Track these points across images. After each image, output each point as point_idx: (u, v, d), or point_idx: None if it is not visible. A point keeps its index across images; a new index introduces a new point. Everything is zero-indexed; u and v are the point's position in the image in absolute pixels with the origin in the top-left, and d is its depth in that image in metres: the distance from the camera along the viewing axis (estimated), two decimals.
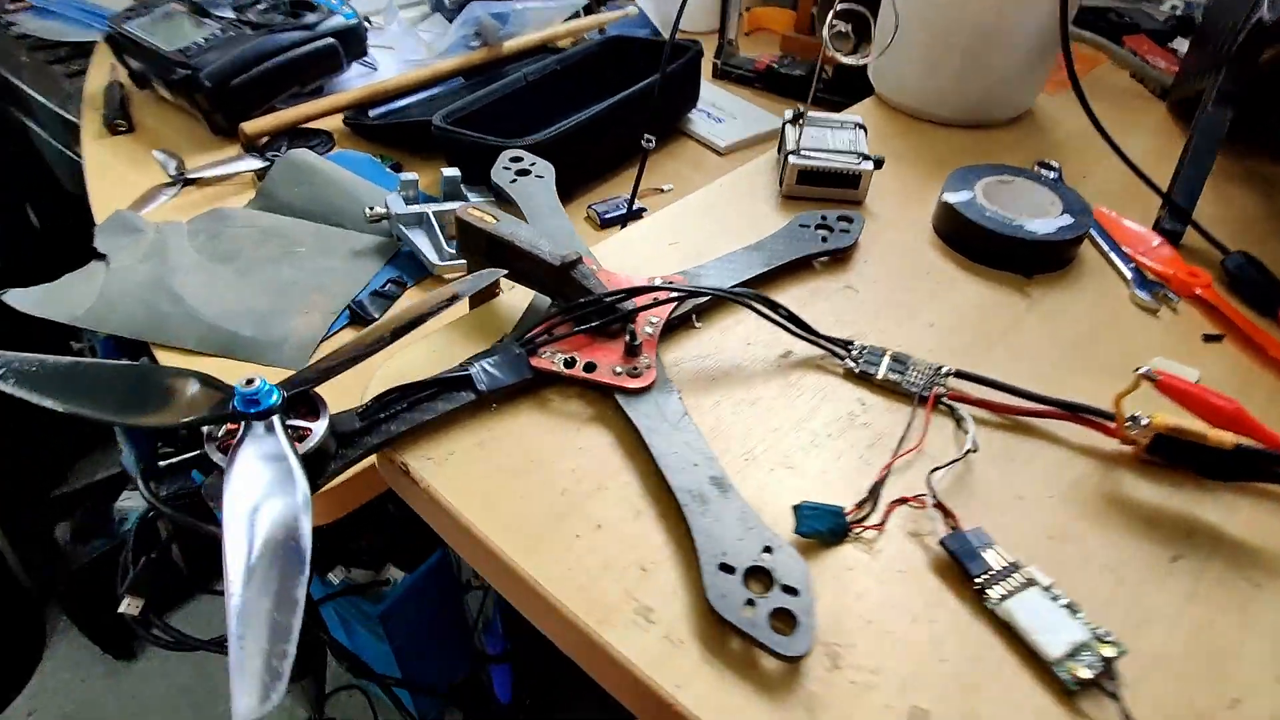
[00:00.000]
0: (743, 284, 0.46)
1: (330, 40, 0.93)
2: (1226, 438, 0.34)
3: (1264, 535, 0.35)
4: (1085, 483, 0.37)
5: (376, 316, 0.66)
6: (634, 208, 0.69)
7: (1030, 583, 0.31)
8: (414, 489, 0.36)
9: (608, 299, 0.40)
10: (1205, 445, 0.35)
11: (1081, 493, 0.37)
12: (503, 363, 0.38)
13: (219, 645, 0.76)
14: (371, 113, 0.93)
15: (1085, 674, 0.29)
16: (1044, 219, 0.50)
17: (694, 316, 0.44)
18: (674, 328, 0.43)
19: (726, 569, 0.31)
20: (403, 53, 1.05)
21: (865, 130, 0.57)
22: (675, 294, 0.41)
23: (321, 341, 0.64)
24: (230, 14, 0.92)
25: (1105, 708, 0.28)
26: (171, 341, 0.63)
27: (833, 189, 0.55)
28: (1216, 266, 0.50)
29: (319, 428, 0.33)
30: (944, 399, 0.40)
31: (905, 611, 0.31)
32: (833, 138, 0.56)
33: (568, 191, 0.77)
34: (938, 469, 0.36)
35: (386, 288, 0.69)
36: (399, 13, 1.05)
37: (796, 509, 0.33)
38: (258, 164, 0.83)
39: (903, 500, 0.35)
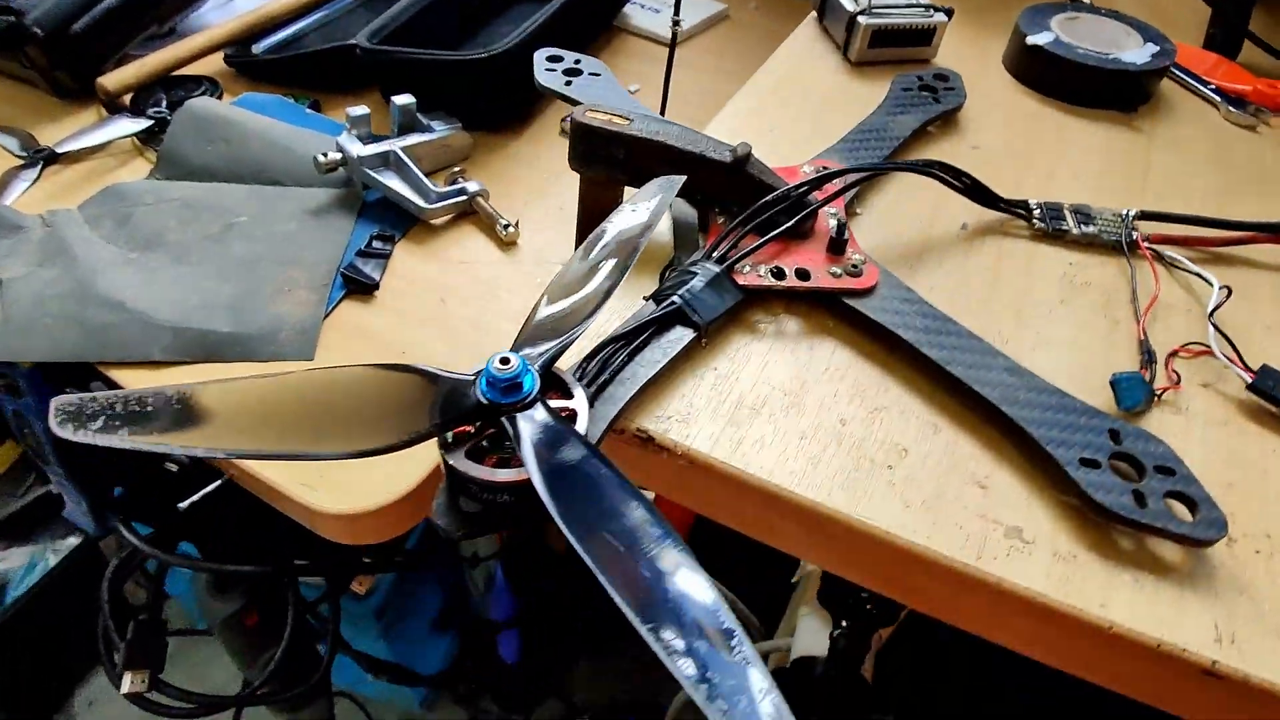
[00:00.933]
0: (887, 158, 0.40)
1: None
2: None
3: None
4: None
5: (377, 279, 0.55)
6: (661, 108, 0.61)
7: None
8: (659, 460, 0.29)
9: (795, 192, 0.34)
10: None
11: None
12: (707, 286, 0.31)
13: (256, 698, 0.65)
14: (257, 48, 0.77)
15: None
16: (1132, 50, 0.48)
17: (854, 202, 0.39)
18: None
19: (1089, 463, 0.27)
20: None
21: None
22: (863, 175, 0.35)
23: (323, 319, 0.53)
24: None
25: None
26: (126, 356, 0.50)
27: (905, 48, 0.50)
28: None
29: (579, 404, 0.25)
30: (1148, 244, 0.37)
31: (1254, 467, 0.29)
32: None
33: (525, 115, 0.67)
34: (1212, 310, 0.33)
35: (373, 245, 0.57)
36: None
37: (1114, 383, 0.30)
38: (138, 125, 0.67)
39: (1175, 353, 0.32)
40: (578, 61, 0.45)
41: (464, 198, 0.58)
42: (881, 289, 0.33)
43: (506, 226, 0.55)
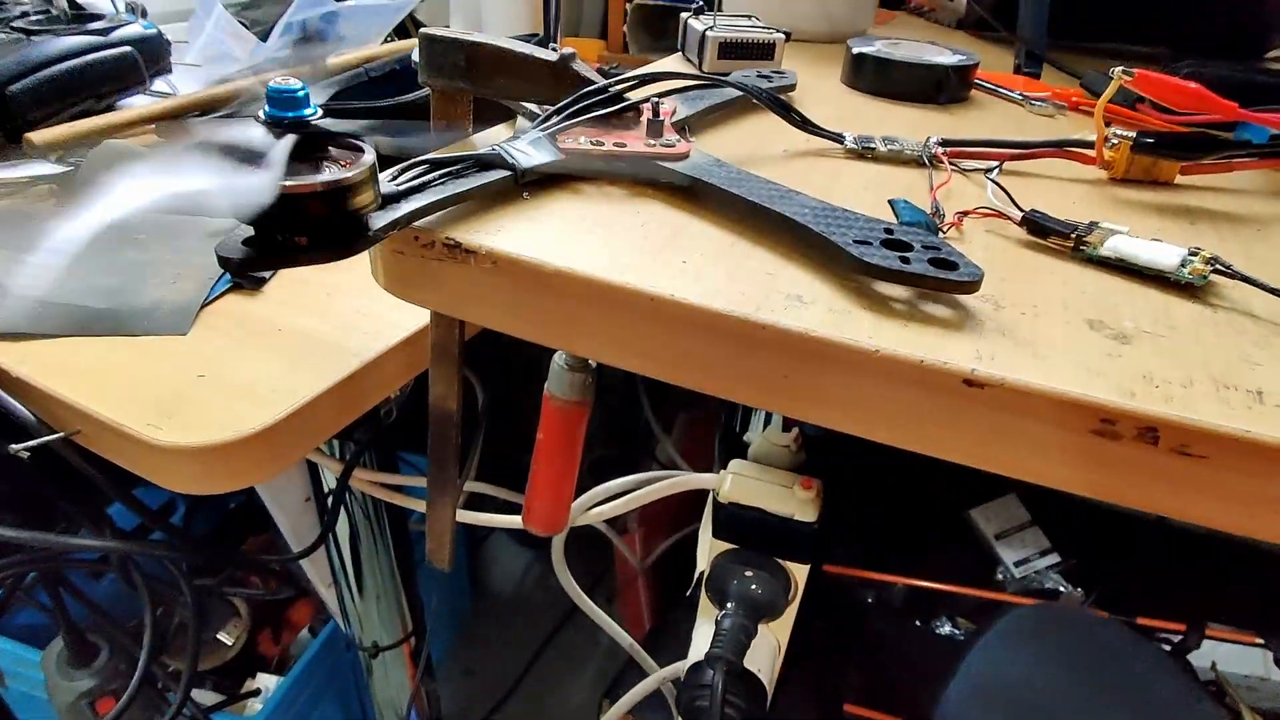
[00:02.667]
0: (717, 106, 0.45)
1: (128, 49, 0.82)
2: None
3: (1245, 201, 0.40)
4: (1091, 195, 0.40)
5: (267, 278, 0.57)
6: None
7: (1113, 231, 0.32)
8: (466, 267, 0.30)
9: (616, 86, 0.37)
10: (1177, 132, 0.39)
11: (1093, 201, 0.39)
12: (530, 144, 0.34)
13: None
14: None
15: (1205, 268, 0.30)
16: (941, 56, 0.55)
17: (686, 129, 0.43)
18: None
19: (862, 243, 0.29)
20: (210, 73, 0.95)
21: (757, 18, 0.61)
22: (687, 84, 0.39)
23: (202, 308, 0.53)
24: None
25: (1235, 288, 0.30)
26: None
27: (751, 61, 0.57)
28: (1077, 88, 0.58)
29: (364, 159, 0.26)
30: (947, 155, 0.41)
31: (1026, 270, 0.31)
32: (733, 23, 0.59)
33: None
34: (989, 171, 0.37)
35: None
36: (212, 18, 0.96)
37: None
38: (55, 169, 0.70)
39: (963, 213, 0.35)
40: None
41: None
42: (694, 158, 0.36)
43: None
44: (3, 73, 0.73)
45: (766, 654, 0.53)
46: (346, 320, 0.48)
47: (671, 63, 0.62)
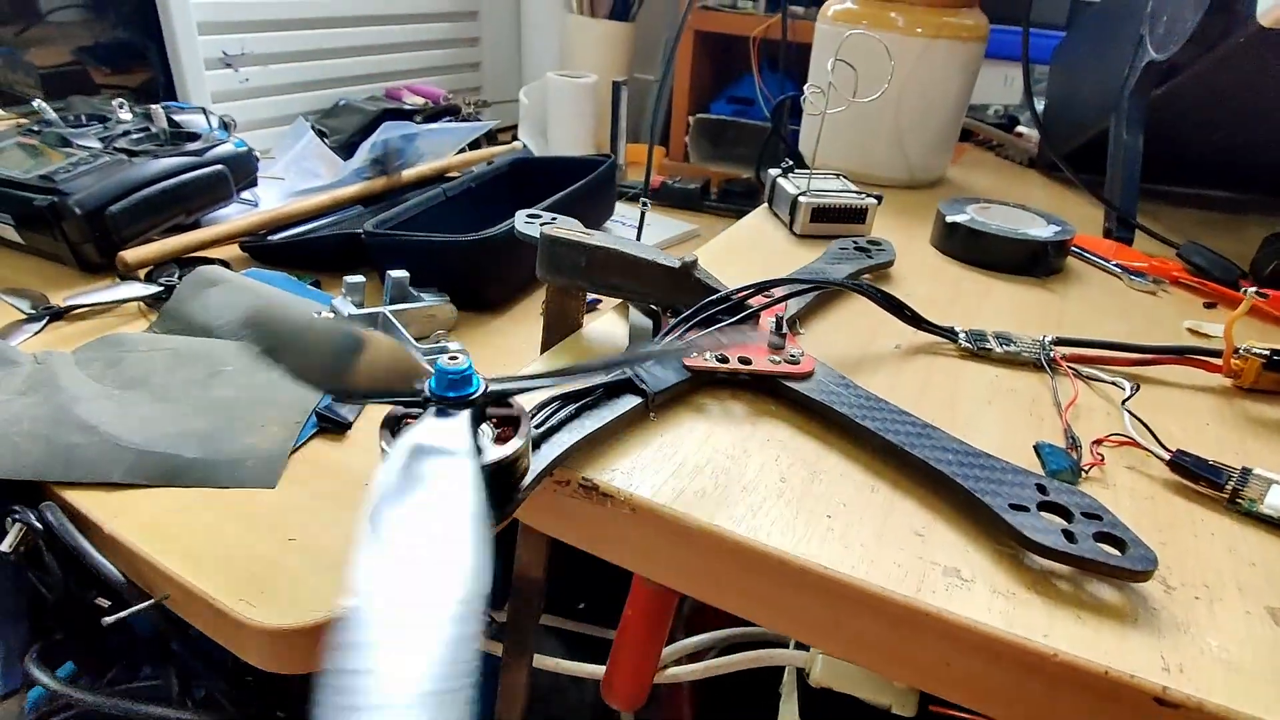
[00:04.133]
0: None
1: (219, 167, 0.85)
2: None
3: None
4: (1222, 410, 0.38)
5: (350, 420, 0.57)
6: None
7: (1271, 481, 0.31)
8: (604, 510, 0.29)
9: (737, 295, 0.37)
10: None
11: (1226, 419, 0.38)
12: (657, 364, 0.34)
13: None
14: (271, 238, 0.85)
15: None
16: (1038, 228, 0.55)
17: (796, 322, 0.42)
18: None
19: (1019, 508, 0.27)
20: (292, 185, 0.99)
21: (847, 178, 0.61)
22: (804, 285, 0.39)
23: (290, 454, 0.54)
24: (96, 144, 0.82)
25: None
26: (88, 476, 0.50)
27: (842, 224, 0.57)
28: (1173, 258, 0.57)
29: (521, 429, 0.26)
30: (1066, 361, 0.40)
31: (1184, 531, 0.30)
32: (824, 184, 0.60)
33: (509, 298, 0.74)
34: (1126, 400, 0.36)
35: None
36: (302, 142, 1.00)
37: (1038, 448, 0.31)
38: (146, 290, 0.72)
39: (1099, 441, 0.34)
40: (553, 219, 0.51)
41: (445, 355, 0.62)
42: (818, 376, 0.35)
43: None
44: (105, 195, 0.76)
45: None
46: None
47: (758, 219, 0.62)
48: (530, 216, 0.52)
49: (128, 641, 0.52)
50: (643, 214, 0.65)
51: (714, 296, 0.37)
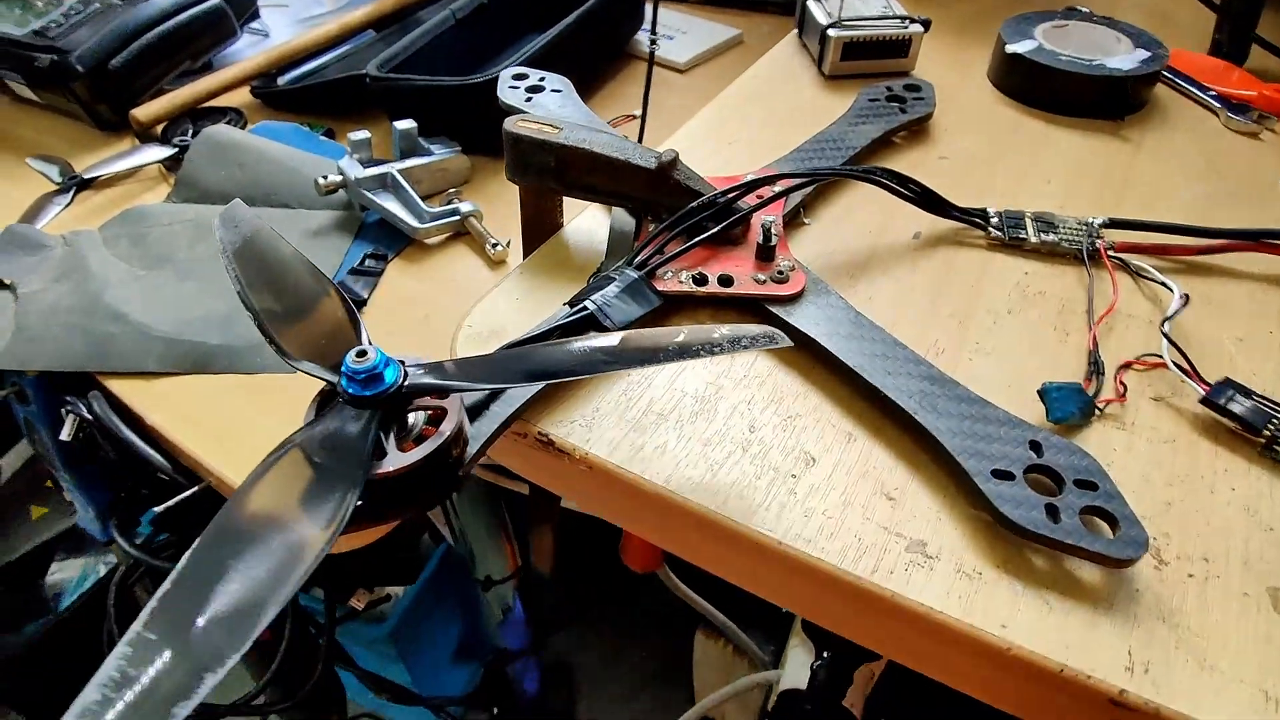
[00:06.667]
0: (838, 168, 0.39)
1: (217, 1, 0.79)
2: None
3: None
4: None
5: (365, 297, 0.56)
6: (641, 123, 0.61)
7: None
8: (561, 464, 0.28)
9: (723, 198, 0.33)
10: None
11: None
12: (624, 291, 0.31)
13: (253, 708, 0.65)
14: (281, 80, 0.81)
15: None
16: (1121, 56, 0.46)
17: (801, 211, 0.38)
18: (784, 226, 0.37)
19: (1003, 475, 0.25)
20: (298, 11, 0.92)
21: None
22: (800, 180, 0.34)
23: None
24: None
25: None
26: (124, 366, 0.52)
27: (880, 60, 0.49)
28: None
29: (451, 403, 0.24)
30: (1112, 253, 0.35)
31: (1200, 485, 0.27)
32: (864, 5, 0.50)
33: None
34: (1165, 320, 0.31)
35: (365, 264, 0.59)
36: None
37: (1043, 392, 0.28)
38: (164, 152, 0.71)
39: (1127, 365, 0.30)
40: (542, 79, 0.46)
41: (456, 218, 0.59)
42: (808, 296, 0.32)
43: (496, 245, 0.55)
44: (104, 48, 0.73)
45: None
46: (443, 350, 0.48)
47: (784, 54, 0.53)
48: (516, 78, 0.46)
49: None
50: (651, 62, 0.57)
51: (696, 202, 0.33)
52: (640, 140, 0.57)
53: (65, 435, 0.52)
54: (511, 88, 0.45)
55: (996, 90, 0.48)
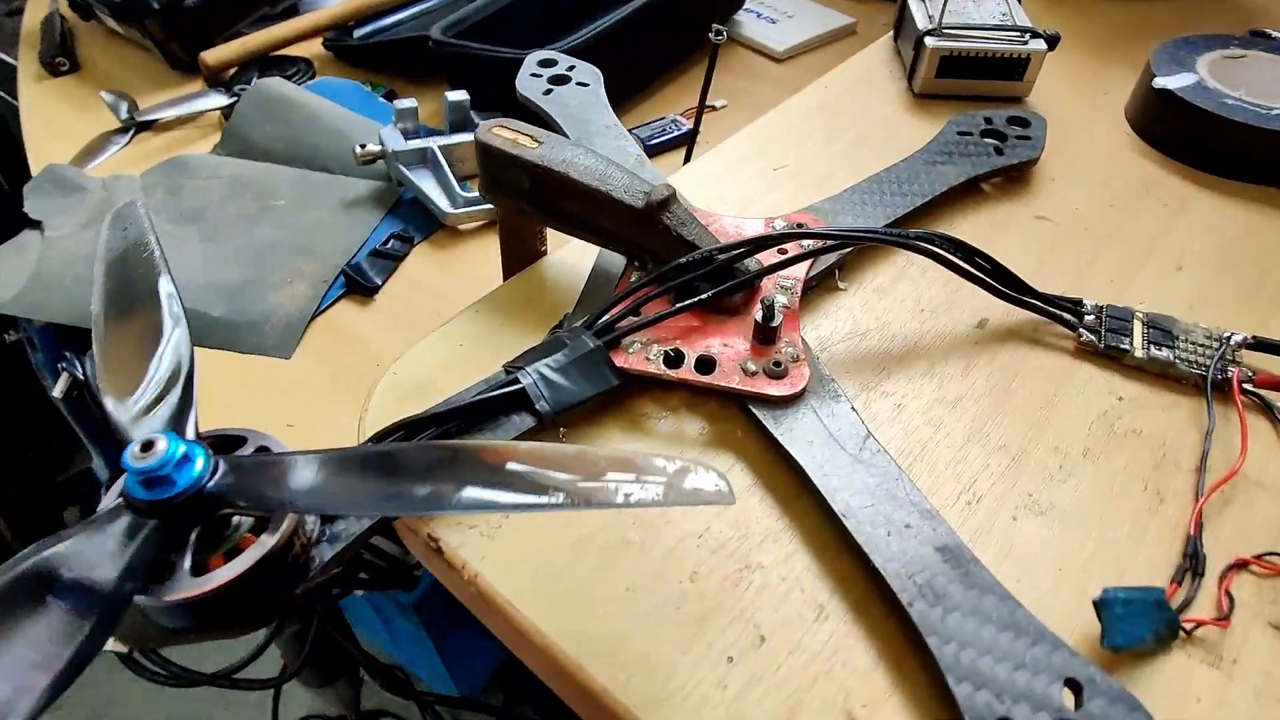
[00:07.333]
0: (896, 222, 0.31)
1: None
2: None
3: None
4: None
5: (379, 283, 0.52)
6: (694, 128, 0.54)
7: None
8: (453, 576, 0.22)
9: (722, 255, 0.26)
10: None
11: None
12: (571, 364, 0.24)
13: (219, 680, 0.64)
14: (356, 32, 0.77)
15: None
16: None
17: (837, 273, 0.30)
18: (807, 291, 0.29)
19: None
20: None
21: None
22: (824, 242, 0.27)
23: (312, 319, 0.51)
24: None
25: None
26: None
27: (987, 81, 0.39)
28: None
29: (267, 538, 0.19)
30: (1249, 386, 0.26)
31: None
32: (977, 10, 0.41)
33: None
34: None
35: (390, 245, 0.55)
36: None
37: (1101, 604, 0.20)
38: (223, 100, 0.69)
39: (1242, 564, 0.22)
40: (571, 68, 0.39)
41: (490, 205, 0.54)
42: (809, 399, 0.24)
43: None
44: None
45: None
46: None
47: (873, 60, 0.44)
48: (542, 64, 0.40)
49: None
50: (713, 57, 0.48)
51: (688, 257, 0.26)
52: (689, 155, 0.50)
53: (57, 392, 0.50)
54: (534, 75, 0.39)
55: (1133, 133, 0.38)
